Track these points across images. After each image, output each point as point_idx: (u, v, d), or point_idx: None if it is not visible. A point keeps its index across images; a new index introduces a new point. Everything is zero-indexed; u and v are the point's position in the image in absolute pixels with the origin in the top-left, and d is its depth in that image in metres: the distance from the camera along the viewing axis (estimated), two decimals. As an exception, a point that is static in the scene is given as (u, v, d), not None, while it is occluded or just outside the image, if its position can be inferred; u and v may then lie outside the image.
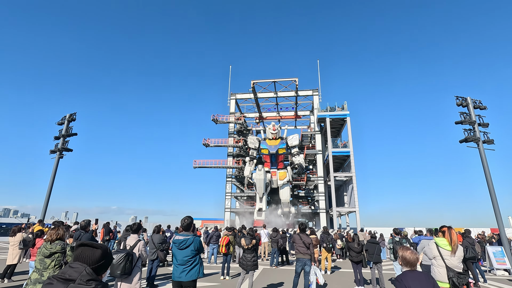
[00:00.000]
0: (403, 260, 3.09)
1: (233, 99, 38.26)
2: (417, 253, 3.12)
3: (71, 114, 17.57)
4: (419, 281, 2.87)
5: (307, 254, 7.26)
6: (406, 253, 3.07)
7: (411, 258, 3.03)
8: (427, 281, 2.88)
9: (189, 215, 4.71)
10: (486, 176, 13.07)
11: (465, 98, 14.06)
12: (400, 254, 3.13)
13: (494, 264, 11.79)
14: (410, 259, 3.03)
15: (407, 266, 3.05)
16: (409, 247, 3.26)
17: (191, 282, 4.48)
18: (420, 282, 2.86)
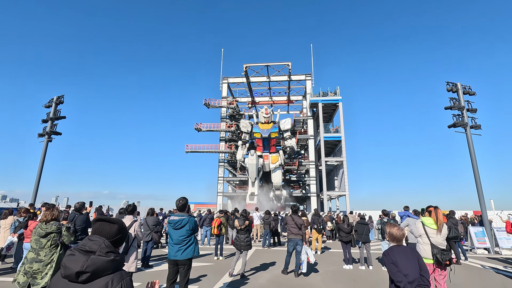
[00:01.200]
0: (390, 236, 3.26)
1: (225, 83, 37.76)
2: (403, 230, 3.29)
3: (58, 96, 17.08)
4: (405, 255, 3.07)
5: (299, 234, 7.49)
6: (393, 229, 3.24)
7: (398, 234, 3.21)
8: (412, 255, 3.09)
9: (184, 196, 4.77)
10: (472, 160, 13.50)
11: (455, 83, 14.26)
12: (388, 230, 3.30)
13: (475, 243, 12.42)
14: (397, 235, 3.21)
15: (394, 242, 3.23)
16: (396, 224, 3.43)
17: (187, 261, 4.60)
18: (406, 255, 3.06)
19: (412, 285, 2.89)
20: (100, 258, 1.47)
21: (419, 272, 2.98)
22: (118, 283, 1.47)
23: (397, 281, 2.92)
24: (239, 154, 29.70)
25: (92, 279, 1.45)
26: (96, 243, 1.53)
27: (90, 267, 1.44)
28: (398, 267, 2.99)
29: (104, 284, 1.45)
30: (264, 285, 6.40)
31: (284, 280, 6.88)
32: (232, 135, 35.62)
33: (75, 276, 1.43)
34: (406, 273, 2.94)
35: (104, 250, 1.51)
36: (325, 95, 33.76)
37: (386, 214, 8.68)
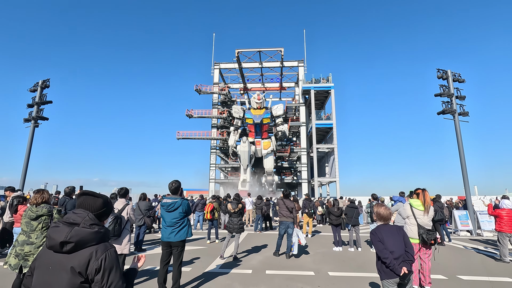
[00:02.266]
0: (377, 215, 3.40)
1: (217, 68, 37.13)
2: (390, 209, 3.43)
3: (44, 80, 16.51)
4: (391, 233, 3.23)
5: (290, 217, 7.64)
6: (380, 209, 3.40)
7: (385, 213, 3.36)
8: (398, 233, 3.25)
9: (176, 179, 4.76)
10: (459, 147, 13.85)
11: (446, 71, 14.41)
12: (375, 210, 3.44)
13: (459, 226, 12.94)
14: (384, 214, 3.36)
15: (381, 221, 3.37)
16: (383, 204, 3.58)
17: (180, 243, 4.65)
18: (392, 233, 3.22)
19: (397, 261, 3.05)
20: (83, 229, 1.50)
21: (404, 248, 3.14)
22: (102, 254, 1.50)
23: (383, 257, 3.08)
24: (231, 139, 29.63)
25: (76, 249, 1.48)
26: (80, 216, 1.56)
27: (74, 238, 1.46)
28: (385, 244, 3.14)
29: (88, 254, 1.48)
30: (256, 266, 6.56)
31: (275, 262, 7.06)
32: (224, 121, 35.38)
33: (59, 246, 1.46)
34: (392, 250, 3.10)
35: (88, 222, 1.53)
36: (317, 82, 33.70)
37: (375, 198, 8.91)
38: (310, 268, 6.50)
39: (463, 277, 5.84)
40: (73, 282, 1.43)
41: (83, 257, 1.47)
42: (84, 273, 1.45)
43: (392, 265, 3.03)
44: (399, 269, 3.03)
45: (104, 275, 1.47)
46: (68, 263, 1.45)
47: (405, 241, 3.20)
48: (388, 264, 3.05)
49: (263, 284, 5.26)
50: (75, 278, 1.43)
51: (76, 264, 1.44)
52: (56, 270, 1.46)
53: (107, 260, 1.50)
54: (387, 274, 3.12)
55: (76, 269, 1.44)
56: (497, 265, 6.99)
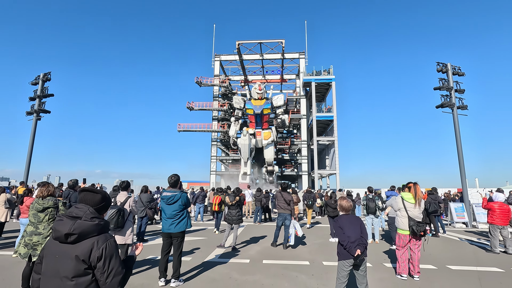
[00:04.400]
0: (340, 207, 3.97)
1: (218, 60, 36.96)
2: (351, 202, 4.00)
3: (45, 73, 16.61)
4: (350, 221, 3.78)
5: (288, 209, 7.86)
6: (343, 202, 3.97)
7: (346, 205, 3.94)
8: (356, 221, 3.82)
9: (175, 173, 4.95)
10: (457, 140, 13.95)
11: (446, 64, 14.38)
12: (339, 202, 4.01)
13: (455, 218, 13.16)
14: (345, 206, 3.94)
15: (343, 211, 3.94)
16: (346, 197, 4.28)
17: (180, 233, 4.87)
18: (351, 221, 3.78)
19: (353, 244, 3.56)
20: (85, 222, 1.69)
21: (360, 234, 3.66)
22: (103, 243, 1.69)
23: (341, 240, 3.68)
24: (231, 130, 29.73)
25: (79, 240, 1.66)
26: (81, 210, 1.74)
27: (77, 230, 1.65)
28: (344, 230, 3.68)
29: (90, 244, 1.66)
30: (254, 256, 6.80)
31: (273, 252, 7.31)
32: (225, 114, 35.43)
33: (64, 237, 1.65)
34: (349, 235, 3.62)
35: (89, 216, 1.72)
36: (318, 74, 33.53)
37: (371, 191, 9.10)
38: (305, 258, 6.74)
39: (452, 267, 6.06)
40: (78, 269, 1.62)
41: (86, 246, 1.66)
42: (87, 260, 1.64)
43: (348, 247, 3.57)
44: (354, 251, 3.54)
45: (105, 262, 1.66)
46: (73, 252, 1.64)
47: (361, 228, 3.72)
48: (345, 246, 3.59)
49: (260, 273, 5.50)
50: (79, 265, 1.62)
51: (80, 253, 1.63)
52: (62, 258, 1.65)
53: (107, 249, 1.68)
54: (344, 255, 3.66)
55: (80, 257, 1.63)
56: (487, 256, 7.21)
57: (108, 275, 1.66)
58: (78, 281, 1.61)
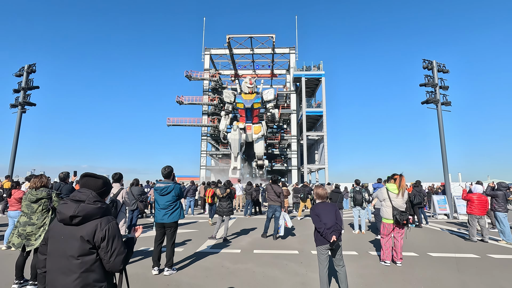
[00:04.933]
0: (316, 195, 4.11)
1: (208, 54, 36.64)
2: (326, 190, 4.18)
3: (30, 65, 16.14)
4: (326, 209, 3.93)
5: (278, 201, 8.06)
6: (319, 190, 4.12)
7: (322, 193, 4.09)
8: (332, 209, 3.94)
9: (169, 165, 5.03)
10: (440, 135, 14.47)
11: (431, 61, 14.81)
12: (315, 191, 4.14)
13: (437, 210, 13.72)
14: (321, 194, 4.08)
15: (320, 199, 4.08)
16: (322, 185, 4.42)
17: (173, 224, 4.98)
18: (327, 209, 3.92)
19: (329, 230, 3.73)
20: (89, 205, 1.78)
21: (335, 221, 3.82)
22: (106, 225, 1.80)
23: (318, 227, 3.83)
24: (222, 124, 29.69)
25: (84, 222, 1.76)
26: (84, 194, 1.83)
27: (81, 212, 1.75)
28: (320, 217, 3.82)
29: (94, 225, 1.77)
30: (245, 247, 6.98)
31: (263, 242, 7.51)
32: (215, 108, 35.32)
33: (69, 219, 1.74)
34: (325, 222, 3.78)
35: (91, 199, 1.81)
36: (308, 70, 33.80)
37: (358, 184, 9.40)
38: (295, 247, 6.97)
39: (433, 254, 6.41)
40: (83, 248, 1.72)
41: (90, 228, 1.76)
42: (91, 240, 1.74)
43: (324, 234, 3.73)
44: (330, 237, 3.71)
45: (109, 242, 1.77)
46: (78, 233, 1.74)
47: (336, 215, 3.88)
48: (322, 233, 3.75)
49: (251, 262, 5.67)
50: (84, 244, 1.73)
51: (85, 234, 1.73)
52: (67, 239, 1.74)
53: (110, 230, 1.79)
54: (320, 241, 3.82)
55: (85, 237, 1.73)
56: (466, 244, 7.63)
57: (111, 254, 1.77)
58: (84, 259, 1.71)
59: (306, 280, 4.61)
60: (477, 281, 4.67)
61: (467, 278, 4.81)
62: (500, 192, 8.18)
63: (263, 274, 4.91)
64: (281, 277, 4.78)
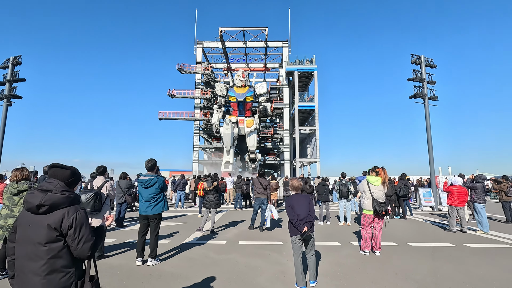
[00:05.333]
0: (291, 186, 4.23)
1: (200, 47, 36.30)
2: (301, 181, 4.30)
3: (15, 57, 15.81)
4: (300, 200, 4.04)
5: (264, 194, 8.20)
6: (293, 181, 4.24)
7: (297, 184, 4.21)
8: (305, 200, 4.06)
9: (152, 158, 5.08)
10: (427, 128, 14.75)
11: (419, 56, 14.99)
12: (290, 182, 4.27)
13: (423, 202, 14.09)
14: (296, 185, 4.21)
15: (294, 190, 4.20)
16: (296, 177, 4.41)
17: (157, 215, 5.06)
18: (301, 200, 4.02)
19: (302, 221, 3.86)
20: (56, 195, 1.85)
21: (308, 212, 3.95)
22: (73, 214, 1.86)
23: (291, 218, 3.95)
24: (214, 117, 29.60)
25: (51, 210, 1.83)
26: (51, 184, 1.89)
27: (48, 201, 1.81)
28: (294, 209, 3.93)
29: (61, 214, 1.84)
30: (231, 238, 7.12)
31: (249, 234, 7.66)
32: (207, 102, 35.15)
33: (36, 208, 1.81)
34: (298, 213, 3.89)
35: (59, 189, 1.87)
36: (301, 64, 33.80)
37: (344, 176, 9.59)
38: (280, 239, 7.13)
39: (411, 244, 6.64)
40: (50, 236, 1.80)
41: (57, 216, 1.83)
42: (58, 228, 1.81)
43: (297, 225, 3.85)
44: (302, 227, 3.82)
45: (76, 230, 1.84)
46: (45, 221, 1.81)
47: (309, 207, 4.01)
48: (294, 224, 3.87)
49: (235, 252, 5.81)
50: (51, 232, 1.80)
51: (52, 222, 1.80)
52: (35, 227, 1.81)
53: (77, 219, 1.86)
54: (293, 232, 3.93)
55: (52, 225, 1.80)
56: (445, 234, 7.90)
57: (79, 241, 1.84)
58: (51, 246, 1.79)
59: (286, 269, 4.76)
60: (447, 268, 4.89)
61: (439, 265, 5.03)
62: (478, 184, 8.46)
63: (245, 264, 5.05)
64: (263, 266, 4.92)
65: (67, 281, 1.83)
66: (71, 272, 1.85)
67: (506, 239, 7.26)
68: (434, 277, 4.42)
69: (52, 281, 1.78)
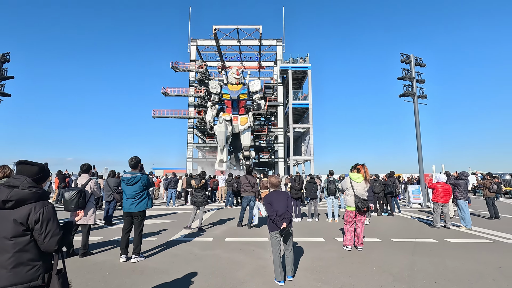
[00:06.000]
0: (270, 183, 4.33)
1: (194, 45, 36.19)
2: (279, 178, 4.41)
3: (3, 54, 15.64)
4: (278, 197, 4.12)
5: (252, 192, 8.29)
6: (271, 179, 4.37)
7: (275, 181, 4.33)
8: (283, 197, 4.15)
9: (136, 155, 5.13)
10: (416, 127, 14.96)
11: (409, 55, 15.16)
12: (268, 180, 4.36)
13: (411, 199, 14.30)
14: (274, 182, 4.32)
15: (273, 187, 4.31)
16: (275, 175, 4.56)
17: (140, 213, 5.11)
18: (279, 197, 4.11)
19: (280, 217, 3.95)
20: (22, 191, 1.89)
21: (286, 209, 4.03)
22: (40, 209, 1.91)
23: (270, 215, 4.04)
24: (208, 115, 29.60)
25: (17, 206, 1.87)
26: (18, 180, 1.93)
27: (14, 197, 1.86)
28: (272, 205, 4.02)
29: (28, 209, 1.89)
30: (218, 235, 7.20)
31: (236, 231, 7.74)
32: (202, 100, 35.10)
33: (1, 203, 1.85)
34: (277, 210, 3.98)
35: (26, 185, 1.92)
36: (295, 62, 33.91)
37: (332, 174, 9.71)
38: (266, 235, 7.20)
39: (394, 239, 6.79)
40: (16, 230, 1.85)
41: (24, 211, 1.88)
42: (25, 223, 1.86)
43: (275, 221, 3.95)
44: (281, 223, 3.91)
45: (43, 225, 1.90)
46: (11, 216, 1.86)
47: (288, 203, 4.09)
48: (273, 220, 3.97)
49: (220, 249, 5.89)
50: (17, 227, 1.85)
51: (18, 217, 1.86)
52: (1, 222, 1.86)
53: (44, 213, 1.91)
54: (272, 227, 4.03)
55: (18, 220, 1.85)
56: (429, 230, 8.07)
57: (45, 236, 1.90)
58: (17, 240, 1.84)
59: (268, 264, 4.85)
60: (425, 261, 5.03)
61: (418, 259, 5.17)
62: (462, 181, 8.65)
63: (228, 259, 5.14)
64: (245, 261, 5.01)
65: (34, 273, 1.88)
66: (38, 266, 1.91)
67: (486, 234, 7.45)
68: (410, 271, 4.55)
69: (18, 273, 1.83)
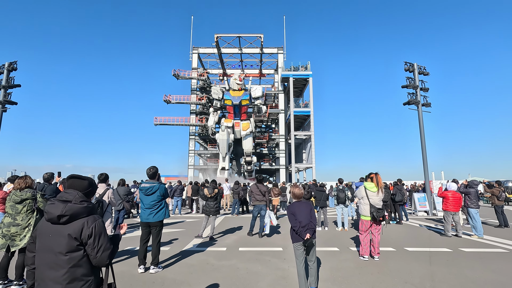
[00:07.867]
0: (292, 194, 4.28)
1: (196, 53, 36.52)
2: (302, 189, 4.34)
3: (11, 62, 15.74)
4: (302, 207, 4.10)
5: (263, 201, 8.27)
6: (295, 190, 4.29)
7: (298, 192, 4.26)
8: (306, 207, 4.12)
9: (154, 165, 5.14)
10: (421, 135, 15.06)
11: (412, 64, 15.37)
12: (291, 190, 4.31)
13: (417, 207, 14.29)
14: (297, 193, 4.26)
15: (295, 198, 4.26)
16: (298, 185, 4.59)
17: (158, 223, 5.10)
18: (302, 208, 4.09)
19: (304, 228, 3.92)
20: (75, 205, 1.91)
21: (310, 219, 4.00)
22: (92, 223, 1.93)
23: (293, 226, 3.99)
24: (210, 121, 29.71)
25: (71, 220, 1.89)
26: (71, 194, 1.96)
27: (68, 212, 1.88)
28: (296, 216, 4.00)
29: (81, 224, 1.90)
30: (230, 245, 7.15)
31: (248, 240, 7.70)
32: (203, 107, 35.24)
33: (56, 218, 1.87)
34: (300, 220, 3.95)
35: (78, 199, 1.94)
36: (296, 70, 34.23)
37: (341, 182, 9.73)
38: (279, 244, 7.19)
39: (409, 249, 6.77)
40: (71, 245, 1.86)
41: (77, 226, 1.89)
42: (78, 238, 1.88)
43: (299, 232, 3.90)
44: (304, 234, 3.87)
45: (95, 239, 1.91)
46: (65, 231, 1.87)
47: (311, 214, 4.07)
48: (297, 231, 3.92)
49: (235, 259, 5.85)
50: (72, 241, 1.86)
51: (72, 231, 1.87)
52: (55, 237, 1.87)
53: (96, 228, 1.93)
54: (296, 238, 4.00)
55: (72, 235, 1.86)
56: (441, 239, 8.06)
57: (98, 250, 1.91)
58: (72, 255, 1.85)
59: (287, 275, 4.83)
60: (444, 272, 5.02)
61: (436, 269, 5.16)
62: (472, 190, 8.67)
63: (246, 270, 5.10)
64: (263, 272, 4.98)
65: None
66: (90, 281, 1.91)
67: (499, 243, 7.44)
68: (431, 281, 4.54)
69: (72, 289, 1.83)
